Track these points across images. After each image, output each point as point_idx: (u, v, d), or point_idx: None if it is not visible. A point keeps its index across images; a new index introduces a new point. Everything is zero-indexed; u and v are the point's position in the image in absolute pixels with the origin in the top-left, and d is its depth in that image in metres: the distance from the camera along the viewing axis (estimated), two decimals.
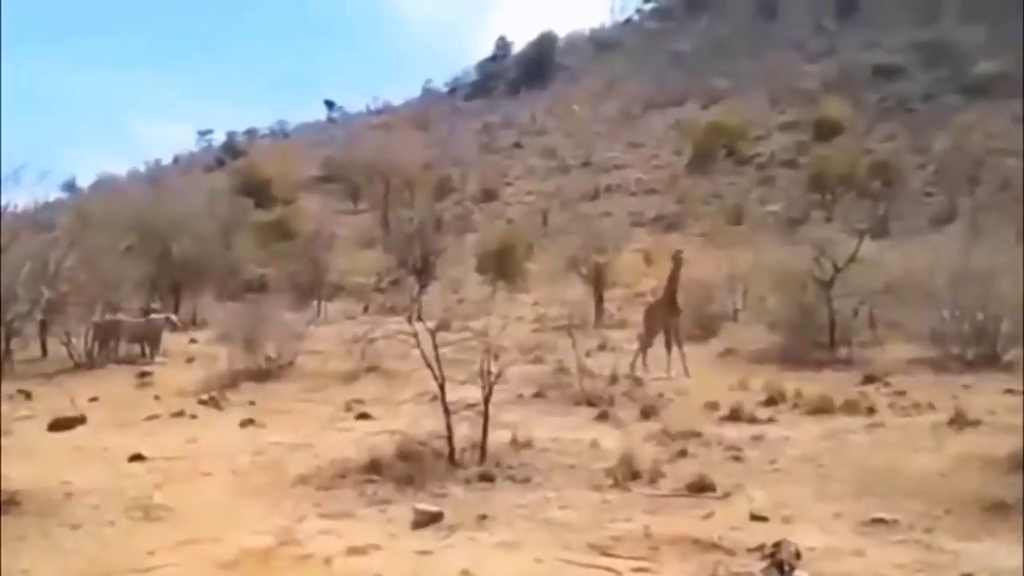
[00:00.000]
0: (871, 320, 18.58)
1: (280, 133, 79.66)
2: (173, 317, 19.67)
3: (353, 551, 6.81)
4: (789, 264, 19.21)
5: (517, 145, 56.96)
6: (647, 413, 11.95)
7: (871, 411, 11.77)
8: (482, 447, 9.34)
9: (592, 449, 9.90)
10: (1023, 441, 8.46)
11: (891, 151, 42.11)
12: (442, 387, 9.72)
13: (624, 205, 41.92)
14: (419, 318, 13.09)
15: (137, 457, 9.94)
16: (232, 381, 15.36)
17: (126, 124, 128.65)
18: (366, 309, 26.22)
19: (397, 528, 7.38)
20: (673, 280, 16.39)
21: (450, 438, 9.31)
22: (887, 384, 13.82)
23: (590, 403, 12.60)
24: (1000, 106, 43.69)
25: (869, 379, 14.22)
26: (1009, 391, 12.80)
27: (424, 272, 28.10)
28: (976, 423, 10.56)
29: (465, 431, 9.67)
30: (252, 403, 13.67)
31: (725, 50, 62.43)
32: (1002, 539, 6.71)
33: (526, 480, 8.73)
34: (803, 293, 17.96)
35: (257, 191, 39.50)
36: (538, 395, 13.40)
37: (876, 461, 9.07)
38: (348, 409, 12.92)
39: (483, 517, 7.55)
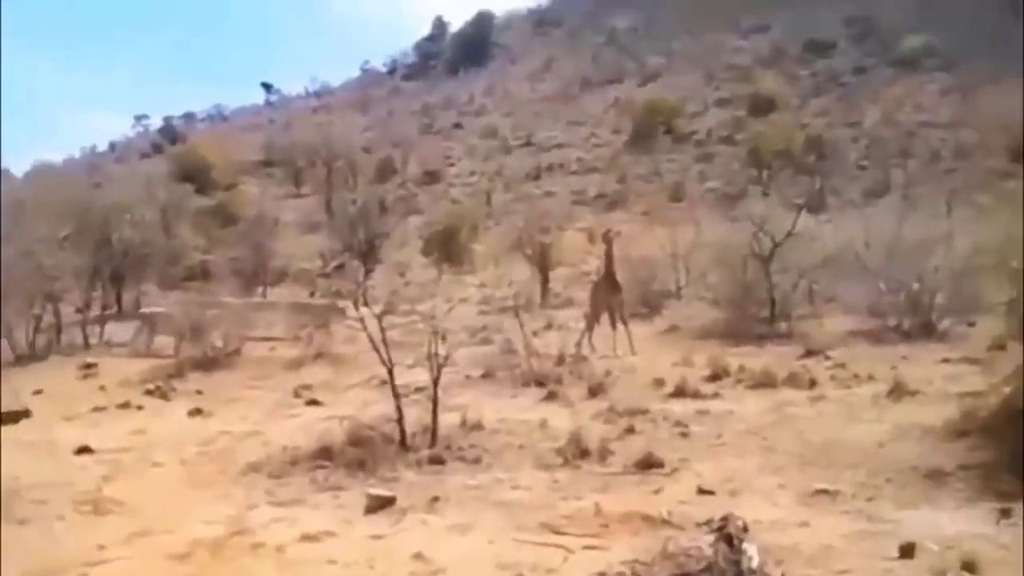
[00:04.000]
0: (810, 294, 18.86)
1: (218, 117, 78.17)
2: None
3: (306, 538, 6.79)
4: (729, 240, 19.39)
5: (457, 126, 56.59)
6: (594, 391, 12.01)
7: (813, 384, 11.95)
8: (432, 430, 9.34)
9: (541, 429, 9.95)
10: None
11: (825, 125, 42.75)
12: (390, 371, 9.70)
13: (566, 184, 41.94)
14: (365, 302, 12.98)
15: (84, 450, 9.77)
16: (178, 370, 15.12)
17: (60, 113, 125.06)
18: (312, 294, 25.97)
19: (350, 513, 7.37)
20: (609, 259, 16.50)
21: (400, 422, 9.29)
22: (827, 357, 14.00)
23: (538, 383, 12.61)
24: (927, 79, 44.58)
25: (810, 352, 14.40)
26: (945, 360, 13.11)
27: (369, 255, 27.88)
28: (914, 393, 10.79)
29: (415, 414, 9.67)
30: (199, 392, 13.49)
31: (659, 28, 62.69)
32: (941, 506, 6.90)
33: (477, 461, 8.76)
34: (743, 269, 18.13)
35: (197, 176, 38.65)
36: (486, 376, 13.39)
37: (818, 433, 9.26)
38: (297, 396, 12.82)
39: (435, 500, 7.57)
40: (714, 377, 12.73)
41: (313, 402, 12.36)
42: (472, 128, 55.28)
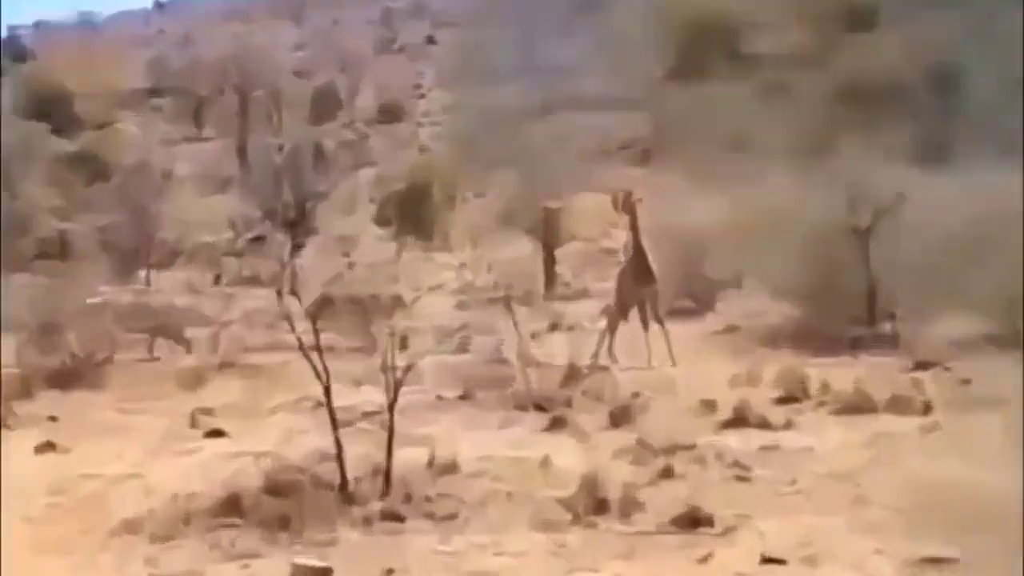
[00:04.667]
0: (924, 284, 18.84)
1: (86, 27, 78.00)
2: None
3: None
4: (811, 207, 19.38)
5: (430, 40, 56.53)
6: (618, 419, 12.12)
7: (926, 408, 12.03)
8: (386, 473, 9.37)
9: (542, 471, 10.00)
10: None
11: (949, 47, 42.69)
12: (328, 389, 9.71)
13: (583, 126, 41.92)
14: (294, 291, 13.03)
15: None
16: (24, 388, 15.06)
17: None
18: (217, 280, 25.96)
19: None
20: (635, 233, 16.50)
21: (340, 461, 9.30)
22: (947, 370, 14.10)
23: (539, 406, 12.71)
24: None
25: (922, 364, 14.48)
26: None
27: (300, 225, 27.81)
28: None
29: (362, 450, 9.70)
30: (53, 419, 13.47)
31: None
32: None
33: (450, 518, 8.80)
34: (831, 247, 18.14)
35: (54, 110, 38.66)
36: (465, 397, 13.50)
37: (931, 477, 9.29)
38: (193, 424, 12.83)
39: (389, 572, 7.59)
40: (787, 399, 12.84)
41: (217, 432, 12.37)
42: (450, 44, 55.18)
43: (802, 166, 29.05)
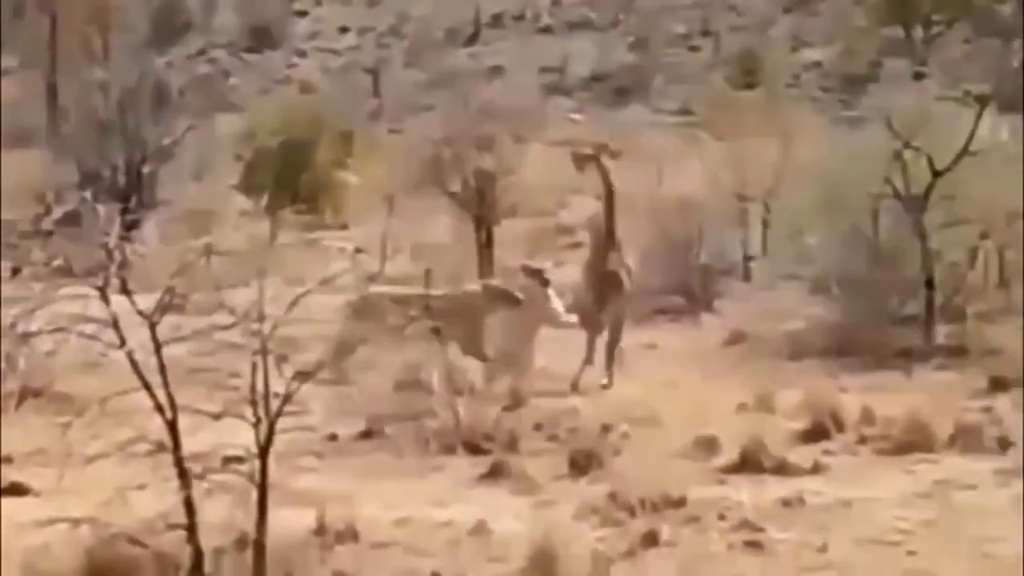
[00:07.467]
0: (1001, 270, 18.93)
1: None
2: None
3: None
4: (846, 165, 19.44)
5: None
6: (582, 464, 12.08)
7: (1004, 444, 12.08)
8: (257, 544, 9.32)
9: (476, 538, 9.96)
10: None
11: None
12: (173, 425, 9.63)
13: (529, 52, 42.02)
14: (125, 289, 12.96)
15: None
16: None
17: None
18: (16, 273, 25.77)
19: None
20: (609, 219, 16.65)
21: (192, 528, 9.25)
22: None
23: (471, 447, 12.69)
24: None
25: (999, 384, 14.55)
26: None
27: (134, 194, 27.63)
28: None
29: (222, 513, 9.62)
30: None
31: None
32: None
33: None
34: (872, 221, 18.21)
35: None
36: (368, 435, 13.47)
37: (1014, 541, 9.33)
38: None
39: None
40: (815, 433, 12.87)
41: (16, 489, 12.26)
42: None
43: (833, 107, 29.34)
